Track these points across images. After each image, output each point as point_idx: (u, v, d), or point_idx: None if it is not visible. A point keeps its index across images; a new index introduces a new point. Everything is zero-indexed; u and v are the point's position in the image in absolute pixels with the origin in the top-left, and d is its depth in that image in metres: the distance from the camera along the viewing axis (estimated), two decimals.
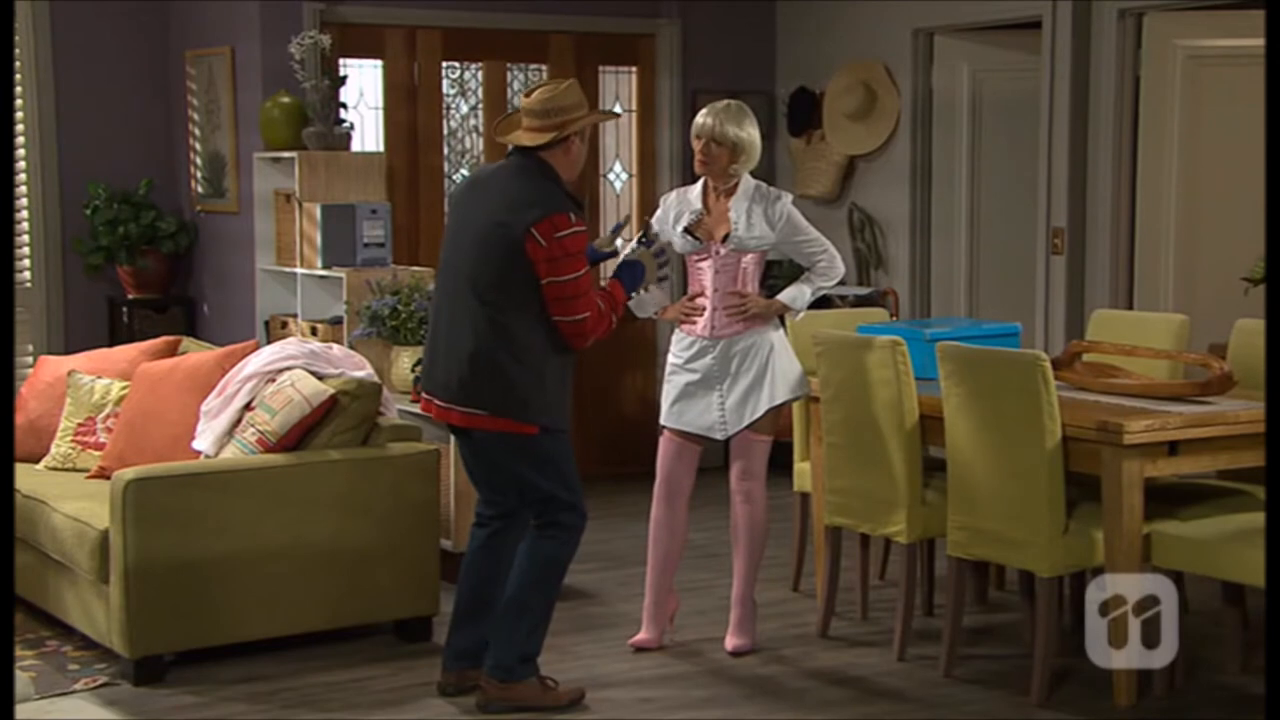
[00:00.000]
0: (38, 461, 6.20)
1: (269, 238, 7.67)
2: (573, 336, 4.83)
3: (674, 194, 5.69)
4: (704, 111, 5.52)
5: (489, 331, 4.79)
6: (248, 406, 5.64)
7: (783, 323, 5.72)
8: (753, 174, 5.60)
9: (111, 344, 7.59)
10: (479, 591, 5.06)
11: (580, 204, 4.94)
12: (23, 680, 5.19)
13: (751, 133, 5.52)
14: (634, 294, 5.16)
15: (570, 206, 4.82)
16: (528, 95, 4.94)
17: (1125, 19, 7.08)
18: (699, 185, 5.61)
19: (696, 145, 5.48)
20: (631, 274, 5.12)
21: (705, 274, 5.52)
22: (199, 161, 8.12)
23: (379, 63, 8.02)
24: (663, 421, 5.63)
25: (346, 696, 5.18)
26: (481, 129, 8.28)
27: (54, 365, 6.55)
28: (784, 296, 5.59)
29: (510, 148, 4.98)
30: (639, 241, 5.23)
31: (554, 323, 4.80)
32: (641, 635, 5.67)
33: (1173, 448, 4.95)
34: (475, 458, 5.03)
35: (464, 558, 5.16)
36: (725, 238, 5.47)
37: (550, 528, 4.96)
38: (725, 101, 5.59)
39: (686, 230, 5.51)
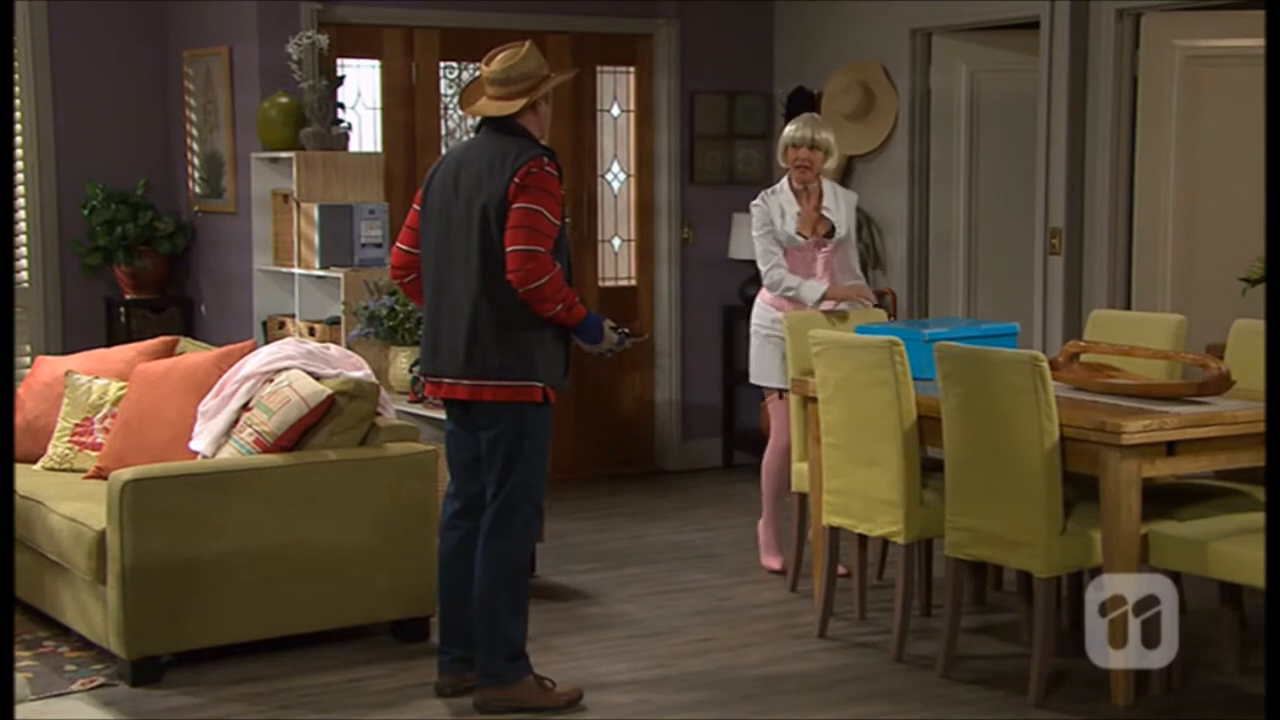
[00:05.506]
0: (35, 462, 6.20)
1: (266, 238, 7.67)
2: (515, 270, 4.74)
3: (767, 195, 6.51)
4: (792, 126, 6.46)
5: (489, 300, 4.81)
6: (245, 407, 5.64)
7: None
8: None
9: (109, 344, 7.59)
10: (461, 598, 5.05)
11: (555, 154, 4.94)
12: (19, 681, 5.19)
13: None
14: (581, 339, 5.02)
15: (548, 153, 4.86)
16: (488, 64, 4.94)
17: (1123, 19, 7.08)
18: (787, 188, 6.48)
19: (793, 155, 6.41)
20: (594, 330, 4.98)
21: (817, 263, 6.48)
22: (196, 162, 8.12)
23: (376, 63, 8.02)
24: (780, 384, 6.43)
25: (344, 697, 5.18)
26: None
27: (51, 365, 6.54)
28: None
29: (479, 120, 5.02)
30: (620, 330, 5.12)
31: (505, 253, 4.76)
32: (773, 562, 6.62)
33: (1170, 448, 4.95)
34: (469, 435, 5.00)
35: (439, 565, 5.15)
36: (829, 234, 6.46)
37: (503, 523, 4.93)
38: (812, 115, 6.66)
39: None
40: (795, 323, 6.22)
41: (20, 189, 8.00)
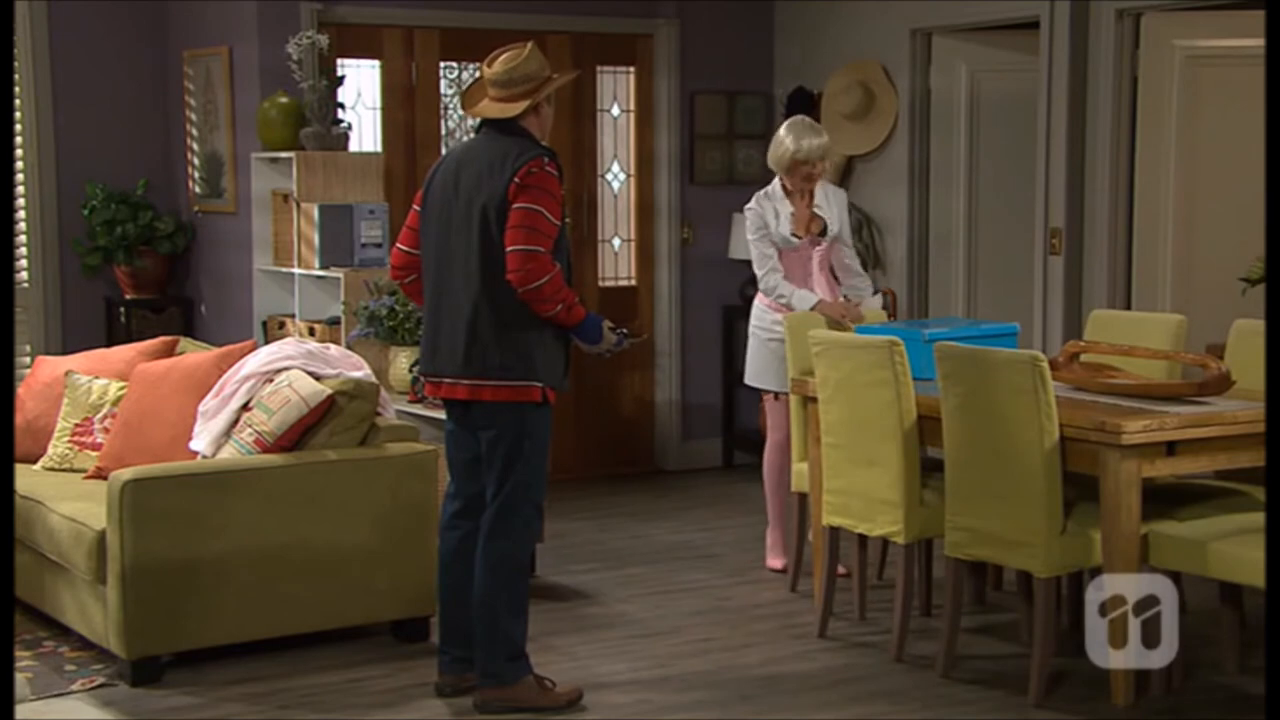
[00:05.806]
0: (35, 462, 6.20)
1: (266, 238, 7.67)
2: (515, 270, 4.74)
3: (761, 198, 6.52)
4: (794, 136, 6.40)
5: (489, 300, 4.82)
6: (245, 407, 5.64)
7: None
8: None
9: (109, 344, 7.59)
10: (461, 598, 5.05)
11: (555, 154, 4.94)
12: (19, 681, 5.19)
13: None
14: (580, 339, 5.03)
15: (548, 153, 4.86)
16: (489, 65, 4.94)
17: (1123, 19, 7.08)
18: (779, 191, 6.48)
19: (804, 170, 6.40)
20: (593, 330, 4.98)
21: (812, 261, 6.53)
22: (196, 162, 8.12)
23: (376, 63, 8.02)
24: (776, 387, 6.49)
25: (344, 697, 5.18)
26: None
27: (51, 365, 6.54)
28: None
29: (479, 121, 5.02)
30: (619, 331, 5.13)
31: (505, 253, 4.76)
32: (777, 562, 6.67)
33: (1170, 448, 4.95)
34: (469, 435, 5.00)
35: (439, 565, 5.14)
36: (822, 232, 6.50)
37: (503, 523, 4.93)
38: (802, 119, 6.51)
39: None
40: (795, 323, 6.23)
41: (20, 189, 8.00)
